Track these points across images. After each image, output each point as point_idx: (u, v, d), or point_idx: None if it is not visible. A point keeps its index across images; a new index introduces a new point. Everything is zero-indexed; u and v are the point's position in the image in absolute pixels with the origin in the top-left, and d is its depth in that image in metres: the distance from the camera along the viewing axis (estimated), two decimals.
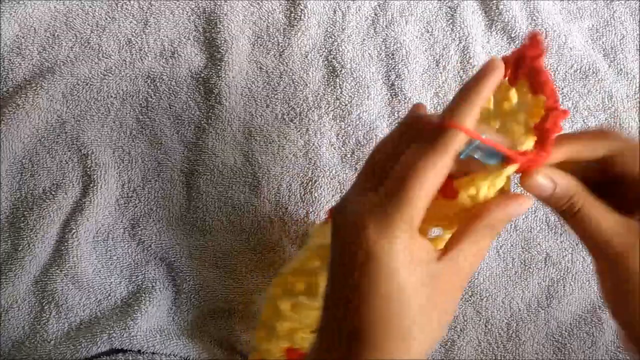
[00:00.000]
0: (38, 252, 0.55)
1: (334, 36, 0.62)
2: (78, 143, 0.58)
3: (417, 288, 0.33)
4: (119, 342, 0.53)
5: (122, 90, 0.60)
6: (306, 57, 0.62)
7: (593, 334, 0.56)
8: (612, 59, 0.63)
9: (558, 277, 0.57)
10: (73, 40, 0.62)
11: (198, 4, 0.63)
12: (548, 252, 0.58)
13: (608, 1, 0.65)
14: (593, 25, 0.65)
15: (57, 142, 0.58)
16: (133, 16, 0.62)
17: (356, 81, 0.61)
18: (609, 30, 0.65)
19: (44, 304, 0.54)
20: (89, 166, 0.58)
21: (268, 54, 0.62)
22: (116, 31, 0.62)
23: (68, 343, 0.53)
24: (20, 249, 0.55)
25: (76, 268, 0.55)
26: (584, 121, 0.61)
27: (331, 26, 0.63)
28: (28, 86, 0.59)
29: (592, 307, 0.57)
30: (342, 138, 0.60)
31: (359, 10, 0.63)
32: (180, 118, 0.60)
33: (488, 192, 0.34)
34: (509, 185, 0.36)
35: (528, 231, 0.58)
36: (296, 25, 0.62)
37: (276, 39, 0.62)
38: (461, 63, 0.62)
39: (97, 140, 0.59)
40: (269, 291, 0.49)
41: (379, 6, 0.64)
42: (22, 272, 0.55)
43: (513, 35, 0.63)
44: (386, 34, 0.63)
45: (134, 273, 0.56)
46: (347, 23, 0.63)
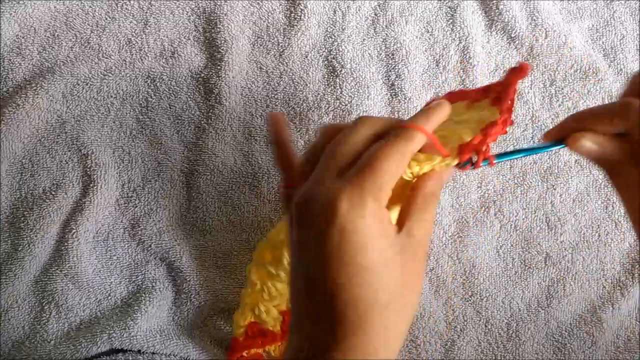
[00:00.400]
0: (38, 252, 0.55)
1: (334, 36, 0.62)
2: (78, 143, 0.58)
3: (390, 261, 0.35)
4: (119, 342, 0.53)
5: (122, 90, 0.60)
6: (306, 57, 0.62)
7: (593, 334, 0.56)
8: (612, 59, 0.63)
9: (558, 277, 0.57)
10: (73, 40, 0.62)
11: (198, 4, 0.63)
12: (548, 252, 0.58)
13: (608, 1, 0.65)
14: (593, 25, 0.65)
15: (57, 142, 0.58)
16: (133, 16, 0.62)
17: (356, 81, 0.61)
18: (609, 30, 0.65)
19: (44, 304, 0.55)
20: (89, 166, 0.58)
21: (268, 54, 0.62)
22: (116, 31, 0.62)
23: (68, 343, 0.53)
24: (20, 249, 0.55)
25: (76, 268, 0.55)
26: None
27: (331, 26, 0.63)
28: (28, 86, 0.59)
29: (592, 307, 0.57)
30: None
31: (359, 10, 0.63)
32: (180, 118, 0.60)
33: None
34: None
35: (528, 231, 0.58)
36: (296, 25, 0.62)
37: (276, 39, 0.62)
38: (461, 63, 0.62)
39: (97, 140, 0.59)
40: (248, 265, 0.52)
41: (379, 6, 0.64)
42: (22, 272, 0.55)
43: (513, 35, 0.63)
44: (386, 34, 0.63)
45: (134, 273, 0.56)
46: (347, 23, 0.63)
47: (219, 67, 0.60)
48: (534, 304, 0.57)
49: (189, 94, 0.60)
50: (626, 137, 0.39)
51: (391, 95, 0.61)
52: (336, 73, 0.61)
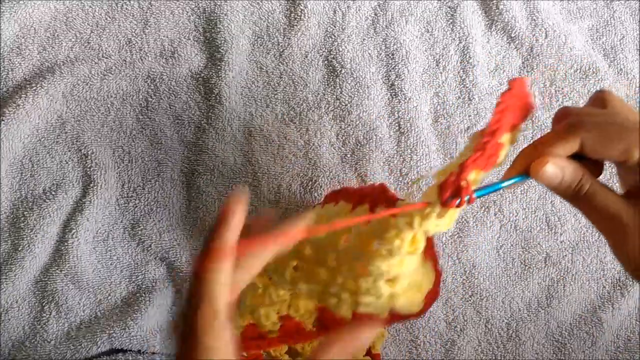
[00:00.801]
0: (38, 252, 0.55)
1: (334, 36, 0.62)
2: (78, 143, 0.58)
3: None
4: (119, 342, 0.53)
5: (122, 90, 0.60)
6: (306, 57, 0.62)
7: (593, 334, 0.56)
8: (612, 59, 0.63)
9: (558, 277, 0.57)
10: (73, 40, 0.62)
11: (198, 4, 0.63)
12: (548, 252, 0.58)
13: (608, 1, 0.65)
14: (593, 25, 0.65)
15: (57, 142, 0.58)
16: (133, 16, 0.62)
17: (356, 81, 0.61)
18: (609, 30, 0.65)
19: (44, 304, 0.55)
20: (89, 166, 0.58)
21: (268, 54, 0.62)
22: (116, 31, 0.62)
23: (68, 343, 0.53)
24: (20, 249, 0.55)
25: (76, 268, 0.55)
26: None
27: (331, 26, 0.63)
28: (28, 86, 0.59)
29: (592, 307, 0.57)
30: (342, 138, 0.60)
31: (359, 10, 0.63)
32: (180, 118, 0.60)
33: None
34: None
35: (528, 231, 0.58)
36: (296, 25, 0.62)
37: (276, 39, 0.62)
38: (461, 63, 0.62)
39: (97, 140, 0.59)
40: None
41: (379, 6, 0.64)
42: (22, 272, 0.55)
43: (513, 35, 0.63)
44: (386, 34, 0.63)
45: (134, 273, 0.56)
46: (347, 23, 0.63)
47: (219, 67, 0.60)
48: (534, 304, 0.57)
49: (189, 94, 0.60)
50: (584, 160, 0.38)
51: (391, 95, 0.61)
52: (336, 73, 0.61)
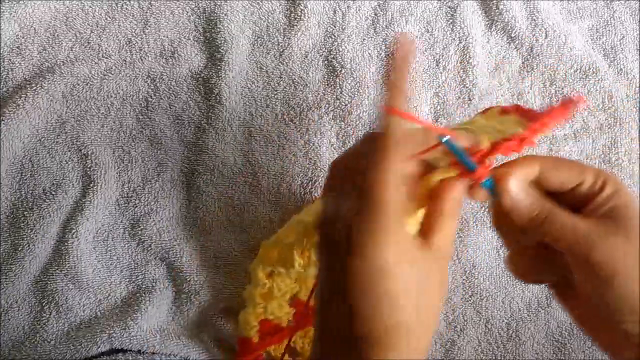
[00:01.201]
0: (38, 252, 0.55)
1: (334, 36, 0.62)
2: (78, 143, 0.58)
3: (410, 286, 0.34)
4: (119, 342, 0.53)
5: (122, 90, 0.60)
6: (306, 57, 0.62)
7: None
8: (612, 59, 0.63)
9: None
10: (73, 40, 0.62)
11: (198, 4, 0.63)
12: None
13: (608, 1, 0.65)
14: (593, 25, 0.65)
15: (57, 142, 0.58)
16: (133, 16, 0.62)
17: (356, 81, 0.61)
18: (609, 30, 0.65)
19: (44, 304, 0.54)
20: (89, 166, 0.58)
21: (268, 54, 0.62)
22: (116, 31, 0.62)
23: (68, 343, 0.53)
24: (20, 249, 0.55)
25: (76, 268, 0.55)
26: (584, 121, 0.61)
27: (331, 26, 0.63)
28: (28, 86, 0.59)
29: None
30: (342, 138, 0.60)
31: (359, 10, 0.63)
32: (180, 118, 0.60)
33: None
34: None
35: None
36: (296, 25, 0.62)
37: (276, 39, 0.62)
38: (461, 63, 0.62)
39: (97, 140, 0.59)
40: (252, 264, 0.52)
41: (379, 6, 0.64)
42: (22, 272, 0.55)
43: (513, 35, 0.63)
44: (386, 34, 0.63)
45: (134, 273, 0.56)
46: (347, 23, 0.63)
47: (219, 67, 0.60)
48: (534, 304, 0.57)
49: (189, 94, 0.60)
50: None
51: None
52: (336, 73, 0.61)
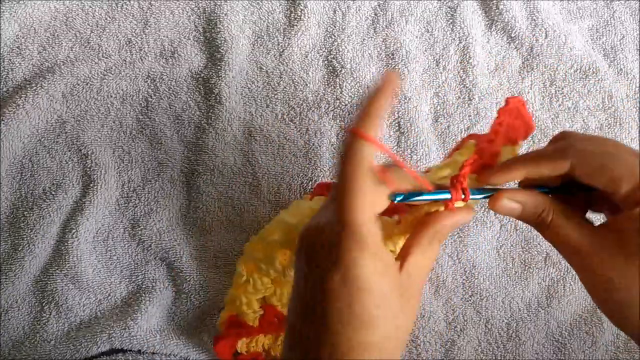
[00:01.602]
0: (38, 252, 0.55)
1: (334, 36, 0.62)
2: (78, 143, 0.58)
3: (391, 303, 0.34)
4: (119, 342, 0.53)
5: (122, 90, 0.60)
6: (306, 57, 0.62)
7: (593, 334, 0.56)
8: (612, 59, 0.63)
9: (558, 277, 0.57)
10: (73, 40, 0.62)
11: (198, 4, 0.63)
12: (548, 252, 0.58)
13: (608, 1, 0.65)
14: (593, 25, 0.65)
15: (57, 142, 0.58)
16: (133, 16, 0.62)
17: (356, 81, 0.61)
18: (609, 30, 0.65)
19: (44, 304, 0.54)
20: (89, 166, 0.58)
21: (268, 54, 0.62)
22: (116, 31, 0.62)
23: (68, 343, 0.53)
24: (20, 249, 0.55)
25: (76, 268, 0.55)
26: (584, 121, 0.61)
27: (331, 26, 0.63)
28: (28, 86, 0.59)
29: (592, 307, 0.57)
30: (342, 138, 0.60)
31: (359, 10, 0.63)
32: (180, 118, 0.60)
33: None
34: None
35: (528, 231, 0.58)
36: (296, 25, 0.62)
37: (276, 39, 0.62)
38: (461, 63, 0.62)
39: (97, 140, 0.59)
40: (240, 258, 0.52)
41: (379, 6, 0.64)
42: (22, 272, 0.55)
43: (513, 35, 0.63)
44: (386, 34, 0.63)
45: (134, 273, 0.56)
46: (347, 23, 0.63)
47: (219, 67, 0.60)
48: (534, 304, 0.57)
49: (189, 94, 0.60)
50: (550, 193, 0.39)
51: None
52: (336, 73, 0.61)
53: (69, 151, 0.58)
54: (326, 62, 0.62)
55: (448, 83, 0.62)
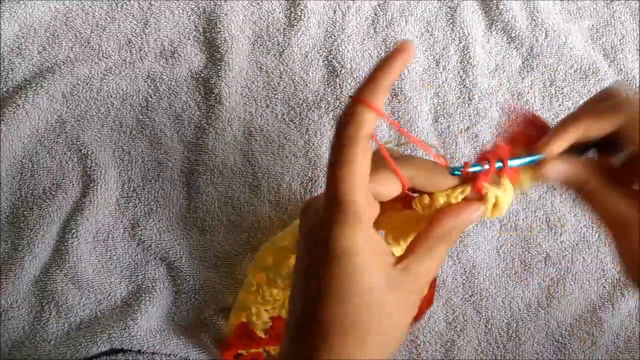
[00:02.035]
0: (38, 252, 0.55)
1: (334, 36, 0.62)
2: (78, 143, 0.58)
3: (382, 292, 0.34)
4: (119, 342, 0.53)
5: (122, 90, 0.60)
6: (306, 57, 0.62)
7: (593, 334, 0.56)
8: (612, 59, 0.63)
9: (558, 277, 0.57)
10: (73, 40, 0.62)
11: (198, 4, 0.63)
12: (548, 252, 0.58)
13: (608, 1, 0.65)
14: (593, 25, 0.65)
15: (57, 142, 0.58)
16: (133, 16, 0.62)
17: (356, 81, 0.61)
18: (609, 30, 0.65)
19: (44, 304, 0.55)
20: (89, 166, 0.58)
21: (268, 54, 0.62)
22: (116, 31, 0.62)
23: (68, 343, 0.53)
24: (20, 249, 0.55)
25: (76, 268, 0.55)
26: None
27: (331, 26, 0.63)
28: (28, 86, 0.59)
29: (592, 307, 0.57)
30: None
31: (359, 10, 0.63)
32: (180, 118, 0.60)
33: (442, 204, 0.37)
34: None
35: (528, 231, 0.58)
36: (296, 25, 0.62)
37: (276, 39, 0.62)
38: (461, 63, 0.62)
39: (97, 140, 0.59)
40: (248, 265, 0.51)
41: (379, 6, 0.64)
42: (22, 272, 0.55)
43: (513, 35, 0.63)
44: (386, 34, 0.63)
45: (134, 273, 0.56)
46: (347, 23, 0.63)
47: (219, 67, 0.60)
48: (534, 304, 0.57)
49: (189, 94, 0.60)
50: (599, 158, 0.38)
51: (391, 95, 0.61)
52: (336, 73, 0.61)
53: (69, 151, 0.58)
54: (326, 62, 0.62)
55: (448, 83, 0.62)
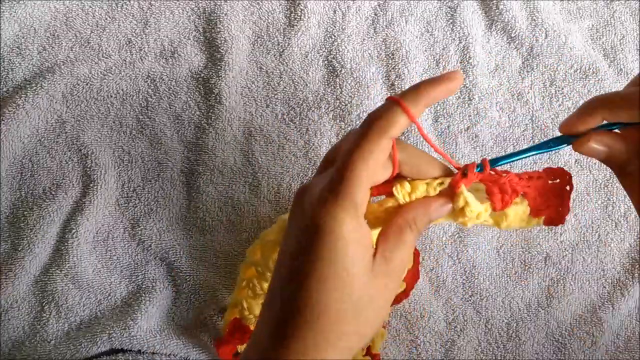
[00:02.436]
0: (38, 252, 0.55)
1: (334, 36, 0.62)
2: (78, 143, 0.58)
3: (362, 275, 0.34)
4: (119, 342, 0.53)
5: (122, 90, 0.60)
6: (306, 57, 0.62)
7: (593, 334, 0.56)
8: (612, 59, 0.63)
9: (558, 277, 0.57)
10: (73, 40, 0.62)
11: (198, 4, 0.63)
12: (548, 252, 0.58)
13: (608, 1, 0.65)
14: (593, 25, 0.65)
15: (57, 142, 0.58)
16: (133, 16, 0.62)
17: (356, 81, 0.61)
18: (609, 30, 0.64)
19: (44, 304, 0.54)
20: (89, 166, 0.58)
21: (268, 54, 0.62)
22: (116, 31, 0.62)
23: (68, 343, 0.53)
24: (20, 249, 0.55)
25: (76, 268, 0.55)
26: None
27: (331, 26, 0.63)
28: (28, 86, 0.59)
29: (592, 307, 0.57)
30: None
31: (359, 10, 0.63)
32: (180, 118, 0.60)
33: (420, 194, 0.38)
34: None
35: (528, 231, 0.58)
36: (296, 25, 0.62)
37: (276, 39, 0.62)
38: (461, 63, 0.62)
39: (97, 140, 0.59)
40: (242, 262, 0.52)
41: (379, 6, 0.64)
42: (22, 272, 0.55)
43: (513, 35, 0.63)
44: (386, 34, 0.63)
45: (134, 273, 0.56)
46: (347, 23, 0.63)
47: (219, 67, 0.60)
48: (534, 304, 0.57)
49: (189, 94, 0.60)
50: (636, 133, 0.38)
51: (391, 95, 0.61)
52: (336, 73, 0.61)
53: (69, 151, 0.58)
54: (326, 62, 0.62)
55: None
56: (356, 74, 0.61)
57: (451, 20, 0.63)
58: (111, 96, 0.60)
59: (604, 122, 0.39)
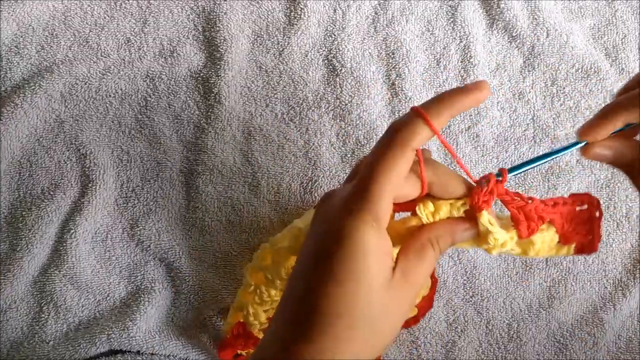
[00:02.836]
0: (36, 253, 0.55)
1: (334, 35, 0.62)
2: (77, 143, 0.58)
3: (380, 285, 0.34)
4: (118, 343, 0.53)
5: (121, 89, 0.60)
6: (306, 57, 0.62)
7: (594, 335, 0.56)
8: (614, 58, 0.63)
9: (559, 278, 0.57)
10: (72, 39, 0.61)
11: (197, 3, 0.63)
12: None
13: (609, 0, 0.65)
14: (594, 24, 0.65)
15: (56, 142, 0.58)
16: (132, 15, 0.62)
17: (356, 80, 0.61)
18: (611, 29, 0.64)
19: (43, 305, 0.54)
20: (88, 166, 0.57)
21: (268, 53, 0.62)
22: (115, 30, 0.62)
23: (67, 344, 0.53)
24: (18, 250, 0.55)
25: (75, 268, 0.55)
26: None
27: (331, 25, 0.63)
28: (26, 85, 0.59)
29: (594, 308, 0.57)
30: (342, 138, 0.59)
31: (359, 9, 0.63)
32: (179, 118, 0.59)
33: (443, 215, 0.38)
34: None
35: None
36: (296, 24, 0.62)
37: (276, 38, 0.62)
38: (462, 62, 0.62)
39: (96, 140, 0.58)
40: (247, 265, 0.51)
41: (380, 5, 0.64)
42: (21, 273, 0.54)
43: (514, 34, 0.63)
44: (387, 33, 0.63)
45: (133, 273, 0.56)
46: (347, 22, 0.63)
47: (219, 67, 0.60)
48: (535, 305, 0.57)
49: (188, 94, 0.60)
50: None
51: (392, 94, 0.61)
52: (336, 72, 0.61)
53: (68, 151, 0.58)
54: (326, 62, 0.62)
55: (449, 82, 0.62)
56: (356, 73, 0.61)
57: (452, 19, 0.63)
58: (110, 96, 0.60)
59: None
